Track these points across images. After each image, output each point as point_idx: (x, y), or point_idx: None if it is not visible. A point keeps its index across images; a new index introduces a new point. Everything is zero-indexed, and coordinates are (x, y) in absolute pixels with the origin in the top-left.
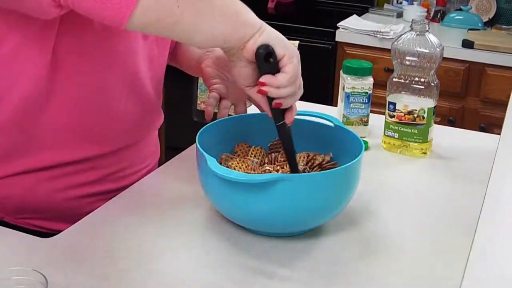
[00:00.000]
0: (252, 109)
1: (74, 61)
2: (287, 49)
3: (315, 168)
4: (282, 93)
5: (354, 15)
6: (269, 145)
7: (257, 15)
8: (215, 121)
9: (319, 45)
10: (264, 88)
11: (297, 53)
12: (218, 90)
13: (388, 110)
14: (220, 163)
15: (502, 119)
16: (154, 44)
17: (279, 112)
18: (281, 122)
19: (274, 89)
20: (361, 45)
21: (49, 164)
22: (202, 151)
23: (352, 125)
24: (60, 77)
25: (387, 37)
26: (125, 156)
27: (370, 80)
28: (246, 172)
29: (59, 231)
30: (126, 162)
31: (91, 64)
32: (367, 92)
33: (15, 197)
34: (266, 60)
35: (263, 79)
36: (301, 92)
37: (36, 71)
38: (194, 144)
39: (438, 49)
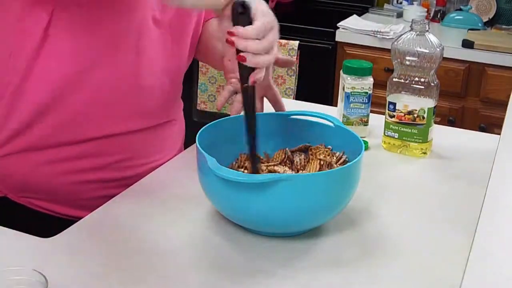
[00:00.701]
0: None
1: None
2: (263, 10)
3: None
4: (249, 45)
5: (354, 15)
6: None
7: None
8: (215, 121)
9: (319, 45)
10: (231, 37)
11: (273, 18)
12: (234, 84)
13: (388, 110)
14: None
15: (502, 119)
16: (168, 33)
17: (246, 72)
18: (246, 85)
19: (241, 40)
20: (361, 45)
21: (52, 143)
22: (202, 151)
23: (352, 125)
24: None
25: (387, 37)
26: (129, 145)
27: (370, 80)
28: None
29: (61, 214)
30: (129, 152)
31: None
32: (367, 92)
33: (18, 176)
34: (240, 14)
35: (233, 29)
36: (273, 55)
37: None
38: (194, 144)
39: (438, 49)
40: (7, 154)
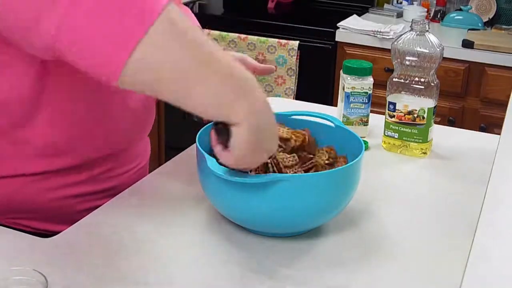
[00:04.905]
0: None
1: (64, 74)
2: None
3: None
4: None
5: (354, 15)
6: None
7: (257, 15)
8: None
9: (319, 45)
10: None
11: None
12: None
13: (388, 110)
14: None
15: (502, 119)
16: None
17: None
18: None
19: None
20: (361, 45)
21: (37, 171)
22: (202, 151)
23: (352, 125)
24: (50, 87)
25: (387, 37)
26: (116, 156)
27: (370, 80)
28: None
29: (48, 231)
30: (116, 162)
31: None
32: (367, 92)
33: (2, 198)
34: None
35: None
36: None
37: (23, 85)
38: (194, 144)
39: (438, 49)
40: None
